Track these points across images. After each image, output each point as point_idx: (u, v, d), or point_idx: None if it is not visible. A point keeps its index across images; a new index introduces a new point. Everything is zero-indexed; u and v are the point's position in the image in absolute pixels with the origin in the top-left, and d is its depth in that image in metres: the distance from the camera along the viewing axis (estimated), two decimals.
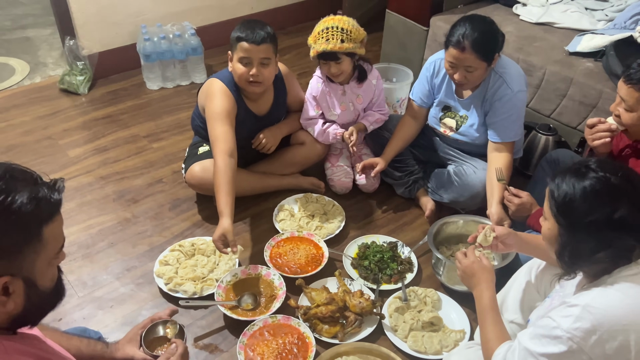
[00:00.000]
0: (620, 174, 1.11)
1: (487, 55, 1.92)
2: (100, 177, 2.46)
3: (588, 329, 1.05)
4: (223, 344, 1.74)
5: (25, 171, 0.94)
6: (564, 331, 1.08)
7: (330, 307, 1.77)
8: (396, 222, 2.27)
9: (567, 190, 1.13)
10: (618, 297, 1.08)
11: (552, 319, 1.12)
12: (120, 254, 2.06)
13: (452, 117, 2.20)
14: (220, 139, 1.99)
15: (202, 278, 1.91)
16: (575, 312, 1.08)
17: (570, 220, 1.13)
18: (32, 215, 0.89)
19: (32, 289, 0.93)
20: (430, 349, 1.72)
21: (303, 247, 2.06)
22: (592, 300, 1.08)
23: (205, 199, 2.31)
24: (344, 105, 2.31)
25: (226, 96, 2.07)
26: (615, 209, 1.08)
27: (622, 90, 1.56)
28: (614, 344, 1.04)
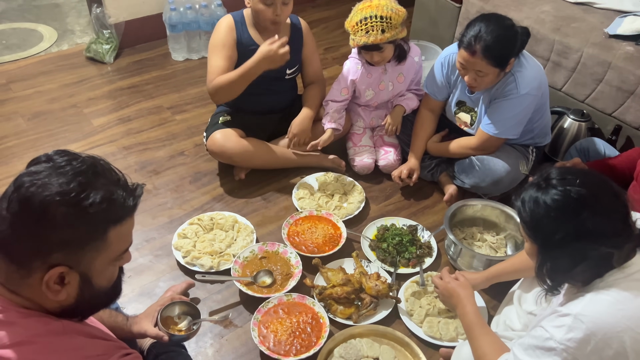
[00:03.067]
0: (579, 182, 1.08)
1: (499, 62, 1.84)
2: (124, 147, 2.47)
3: (582, 339, 1.03)
4: (237, 319, 1.75)
5: (111, 170, 0.94)
6: (558, 342, 1.06)
7: (346, 288, 1.76)
8: (417, 205, 2.23)
9: (531, 210, 1.11)
10: (609, 303, 1.05)
11: (545, 329, 1.10)
12: (140, 225, 2.07)
13: (466, 112, 2.14)
14: (214, 71, 2.07)
15: (219, 253, 1.92)
16: (567, 322, 1.06)
17: (541, 239, 1.12)
18: (101, 215, 0.89)
19: (87, 285, 0.93)
20: (445, 336, 1.69)
21: (321, 226, 2.04)
22: (583, 308, 1.06)
23: (227, 173, 2.31)
24: (384, 84, 2.26)
25: (228, 29, 2.11)
26: (580, 222, 1.06)
27: None
28: (610, 352, 1.02)
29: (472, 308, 1.41)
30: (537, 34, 2.44)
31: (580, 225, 1.06)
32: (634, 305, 1.04)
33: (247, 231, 2.01)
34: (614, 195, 1.10)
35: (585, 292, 1.10)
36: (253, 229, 2.02)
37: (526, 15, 2.55)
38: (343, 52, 3.24)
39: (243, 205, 2.19)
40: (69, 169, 0.89)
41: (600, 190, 1.09)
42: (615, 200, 1.09)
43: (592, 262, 1.09)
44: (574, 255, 1.09)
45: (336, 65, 3.12)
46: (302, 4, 3.70)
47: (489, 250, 1.96)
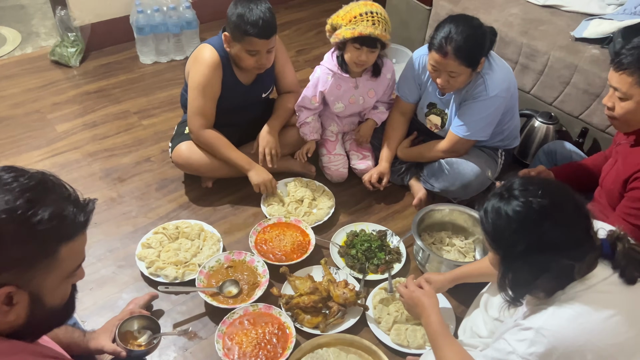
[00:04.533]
0: (541, 192, 1.06)
1: (471, 62, 1.84)
2: (88, 154, 2.41)
3: (543, 353, 1.03)
4: (202, 331, 1.71)
5: (62, 185, 0.91)
6: (520, 357, 1.06)
7: (313, 297, 1.73)
8: (387, 210, 2.21)
9: (494, 220, 1.10)
10: (570, 316, 1.05)
11: (508, 343, 1.09)
12: (103, 235, 2.02)
13: (437, 114, 2.13)
14: (200, 113, 2.03)
15: (184, 263, 1.88)
16: (529, 336, 1.05)
17: (503, 250, 1.11)
18: (51, 232, 0.86)
19: (38, 305, 0.89)
20: (413, 343, 1.68)
21: (290, 233, 2.01)
22: (544, 322, 1.06)
23: (194, 180, 2.26)
24: (354, 98, 2.22)
25: (213, 68, 2.01)
26: (541, 234, 1.05)
27: (614, 79, 1.49)
28: None
29: (436, 318, 1.39)
30: (505, 36, 2.45)
31: (541, 237, 1.05)
32: (595, 318, 1.03)
33: (214, 240, 1.97)
34: (576, 206, 1.09)
35: (547, 304, 1.10)
36: (220, 238, 1.98)
37: (495, 18, 2.55)
38: (316, 55, 3.21)
39: (210, 212, 2.15)
40: (15, 185, 0.85)
41: (562, 201, 1.08)
42: (577, 211, 1.08)
43: (553, 274, 1.08)
44: (535, 267, 1.08)
45: (308, 68, 3.09)
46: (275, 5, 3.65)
47: (457, 254, 1.95)
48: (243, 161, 2.08)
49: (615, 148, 1.71)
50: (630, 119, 1.52)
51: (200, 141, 2.08)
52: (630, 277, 1.07)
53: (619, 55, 1.47)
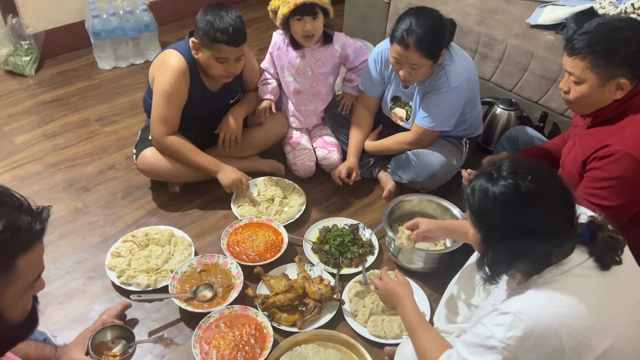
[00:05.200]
0: (531, 177, 1.07)
1: (432, 54, 1.86)
2: (49, 165, 2.34)
3: (521, 337, 1.05)
4: (178, 337, 1.69)
5: (11, 195, 0.88)
6: (498, 341, 1.07)
7: (289, 295, 1.73)
8: (358, 204, 2.22)
9: (479, 199, 1.11)
10: (546, 300, 1.07)
11: (486, 327, 1.11)
12: (70, 247, 1.97)
13: (402, 107, 2.16)
14: (163, 120, 1.99)
15: (156, 269, 1.85)
16: (507, 321, 1.07)
17: (485, 229, 1.12)
18: (6, 245, 0.82)
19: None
20: (390, 334, 1.70)
21: (262, 233, 2.00)
22: (521, 306, 1.07)
23: (161, 185, 2.23)
24: (302, 69, 2.22)
25: (180, 75, 1.97)
26: (524, 219, 1.06)
27: (568, 64, 1.53)
28: (547, 348, 1.04)
29: (412, 307, 1.41)
30: (463, 26, 2.49)
31: (523, 221, 1.06)
32: (570, 301, 1.06)
33: (185, 244, 1.95)
34: (563, 194, 1.10)
35: (524, 289, 1.12)
36: (191, 242, 1.96)
37: (452, 8, 2.59)
38: None
39: (179, 217, 2.12)
40: None
41: (550, 188, 1.09)
42: (563, 200, 1.09)
43: (531, 258, 1.09)
44: (514, 250, 1.09)
45: None
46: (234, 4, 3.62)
47: (428, 243, 1.98)
48: (210, 164, 2.06)
49: (573, 130, 1.76)
50: (585, 102, 1.57)
51: (164, 148, 2.04)
52: (605, 263, 1.09)
53: (572, 41, 1.51)
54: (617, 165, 1.48)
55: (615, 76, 1.48)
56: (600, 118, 1.60)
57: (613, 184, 1.48)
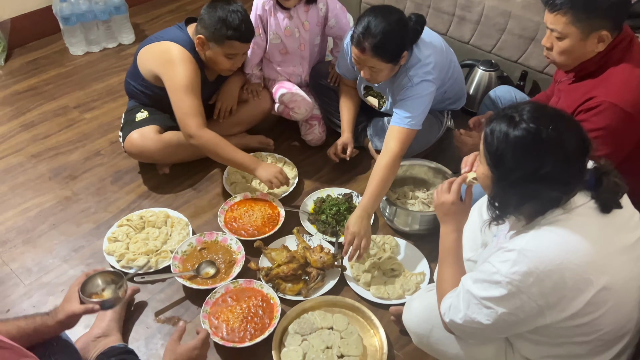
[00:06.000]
0: (552, 126, 1.09)
1: (390, 58, 1.78)
2: (32, 156, 2.28)
3: (525, 272, 1.09)
4: (186, 315, 1.70)
5: None
6: (503, 276, 1.11)
7: (292, 265, 1.76)
8: (349, 173, 2.25)
9: (499, 140, 1.12)
10: (550, 239, 1.11)
11: (492, 265, 1.15)
12: (64, 235, 1.94)
13: (374, 96, 2.15)
14: (194, 113, 1.92)
15: (155, 251, 1.84)
16: (512, 257, 1.11)
17: (500, 170, 1.14)
18: None
19: None
20: (392, 295, 1.74)
21: (258, 208, 2.01)
22: (526, 244, 1.12)
23: (150, 168, 2.20)
24: (289, 30, 2.18)
25: (192, 64, 1.95)
26: (542, 165, 1.08)
27: (549, 20, 1.55)
28: (550, 283, 1.09)
29: (456, 235, 1.38)
30: None
31: (540, 167, 1.08)
32: (572, 239, 1.11)
33: (182, 224, 1.94)
34: (581, 144, 1.11)
35: (529, 228, 1.16)
36: (188, 222, 1.96)
37: None
38: None
39: (172, 199, 2.11)
40: None
41: (570, 137, 1.10)
42: (580, 150, 1.11)
43: (541, 202, 1.13)
44: (527, 193, 1.12)
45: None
46: None
47: (422, 206, 2.02)
48: (249, 161, 1.95)
49: (557, 86, 1.80)
50: (568, 56, 1.61)
51: (202, 142, 1.93)
52: (606, 206, 1.14)
53: None
54: (603, 116, 1.53)
55: (597, 29, 1.52)
56: (584, 72, 1.64)
57: (600, 135, 1.53)
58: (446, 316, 1.27)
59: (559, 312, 1.13)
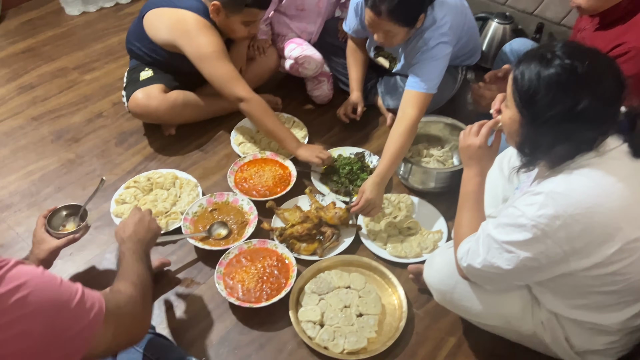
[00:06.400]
0: (587, 62, 1.03)
1: (407, 22, 1.70)
2: (32, 118, 2.21)
3: (552, 215, 1.04)
4: (199, 277, 1.67)
5: None
6: (529, 219, 1.07)
7: (306, 225, 1.71)
8: (360, 132, 2.18)
9: (531, 79, 1.06)
10: (580, 182, 1.06)
11: (517, 208, 1.10)
12: (70, 198, 1.89)
13: (385, 57, 2.06)
14: (235, 76, 1.88)
15: (165, 212, 1.79)
16: (539, 200, 1.06)
17: (532, 111, 1.08)
18: None
19: None
20: (410, 253, 1.70)
21: (268, 168, 1.95)
22: (555, 186, 1.07)
23: (154, 130, 2.13)
24: None
25: (212, 30, 1.89)
26: (577, 102, 1.02)
27: None
28: (578, 227, 1.04)
29: (479, 180, 1.32)
30: None
31: (575, 105, 1.02)
32: (604, 182, 1.06)
33: (191, 185, 1.89)
34: (618, 82, 1.06)
35: (557, 172, 1.11)
36: (197, 183, 1.90)
37: None
38: None
39: (180, 160, 2.05)
40: None
41: (606, 74, 1.05)
42: (617, 88, 1.06)
43: (574, 143, 1.07)
44: (560, 134, 1.06)
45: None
46: None
47: (436, 164, 1.97)
48: (292, 138, 1.91)
49: (580, 34, 1.73)
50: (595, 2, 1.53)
51: (252, 105, 1.87)
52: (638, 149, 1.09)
53: None
54: (633, 63, 1.46)
55: None
56: (610, 18, 1.57)
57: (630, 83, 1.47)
58: (463, 260, 1.22)
59: (584, 260, 1.08)
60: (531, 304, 1.30)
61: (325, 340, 1.48)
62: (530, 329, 1.31)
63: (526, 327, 1.31)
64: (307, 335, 1.49)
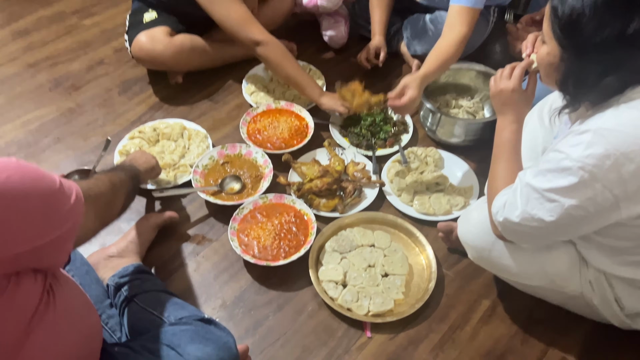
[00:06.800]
0: None
1: None
2: (28, 65, 2.05)
3: (602, 154, 0.92)
4: (211, 233, 1.54)
5: None
6: (574, 160, 0.94)
7: (326, 180, 1.58)
8: (382, 81, 2.02)
9: (573, 4, 0.93)
10: (632, 115, 0.94)
11: (559, 151, 0.98)
12: (71, 150, 1.76)
13: None
14: (249, 18, 1.70)
15: (173, 165, 1.66)
16: (586, 139, 0.94)
17: (576, 41, 0.96)
18: None
19: None
20: (439, 210, 1.57)
21: (283, 119, 1.80)
22: (604, 122, 0.94)
23: (161, 77, 1.98)
24: None
25: None
26: (628, 23, 0.90)
27: None
28: (631, 167, 0.92)
29: (515, 127, 1.19)
30: None
31: (627, 28, 0.89)
32: None
33: (200, 137, 1.75)
34: None
35: (605, 108, 0.98)
36: (206, 134, 1.76)
37: None
38: None
39: (187, 110, 1.90)
40: None
41: None
42: None
43: (626, 74, 0.95)
44: (609, 65, 0.94)
45: None
46: None
47: (466, 116, 1.82)
48: (314, 85, 1.75)
49: None
50: None
51: (270, 49, 1.70)
52: None
53: None
54: None
55: None
56: None
57: None
58: (499, 215, 1.09)
59: (637, 205, 0.96)
60: (579, 261, 1.17)
61: (348, 301, 1.36)
62: (577, 289, 1.19)
63: (573, 287, 1.19)
64: (329, 296, 1.38)
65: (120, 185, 1.09)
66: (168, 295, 1.24)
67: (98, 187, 0.97)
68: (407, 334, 1.34)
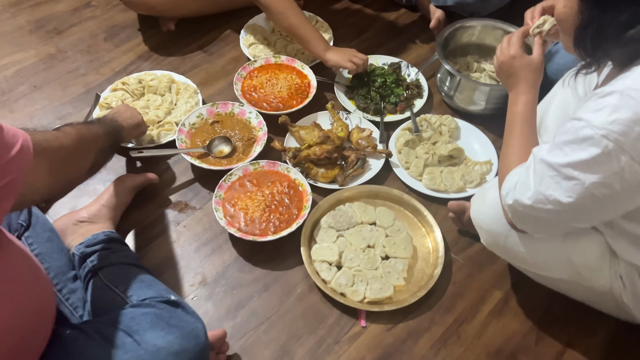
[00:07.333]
0: None
1: None
2: (9, 4, 1.88)
3: (630, 119, 0.77)
4: (195, 200, 1.39)
5: None
6: (597, 128, 0.79)
7: (326, 147, 1.41)
8: (397, 38, 1.81)
9: None
10: None
11: (579, 119, 0.82)
12: (47, 99, 1.60)
13: None
14: None
15: (157, 122, 1.49)
16: (611, 102, 0.79)
17: None
18: None
19: None
20: (451, 187, 1.40)
21: (283, 76, 1.62)
22: (632, 82, 0.79)
23: (151, 23, 1.80)
24: None
25: None
26: None
27: None
28: None
29: (527, 98, 1.07)
30: None
31: None
32: None
33: (189, 92, 1.57)
34: None
35: (632, 66, 0.83)
36: (196, 89, 1.58)
37: None
38: None
39: (178, 62, 1.72)
40: None
41: None
42: None
43: None
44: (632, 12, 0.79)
45: None
46: None
47: (488, 80, 1.62)
48: (320, 38, 1.55)
49: None
50: None
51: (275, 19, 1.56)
52: None
53: None
54: None
55: None
56: None
57: None
58: (509, 197, 0.94)
59: None
60: (609, 252, 1.01)
61: (342, 285, 1.21)
62: (606, 284, 1.03)
63: (602, 281, 1.03)
64: (321, 278, 1.23)
65: (93, 140, 0.98)
66: (138, 270, 1.09)
67: (58, 140, 0.86)
68: (406, 325, 1.19)
